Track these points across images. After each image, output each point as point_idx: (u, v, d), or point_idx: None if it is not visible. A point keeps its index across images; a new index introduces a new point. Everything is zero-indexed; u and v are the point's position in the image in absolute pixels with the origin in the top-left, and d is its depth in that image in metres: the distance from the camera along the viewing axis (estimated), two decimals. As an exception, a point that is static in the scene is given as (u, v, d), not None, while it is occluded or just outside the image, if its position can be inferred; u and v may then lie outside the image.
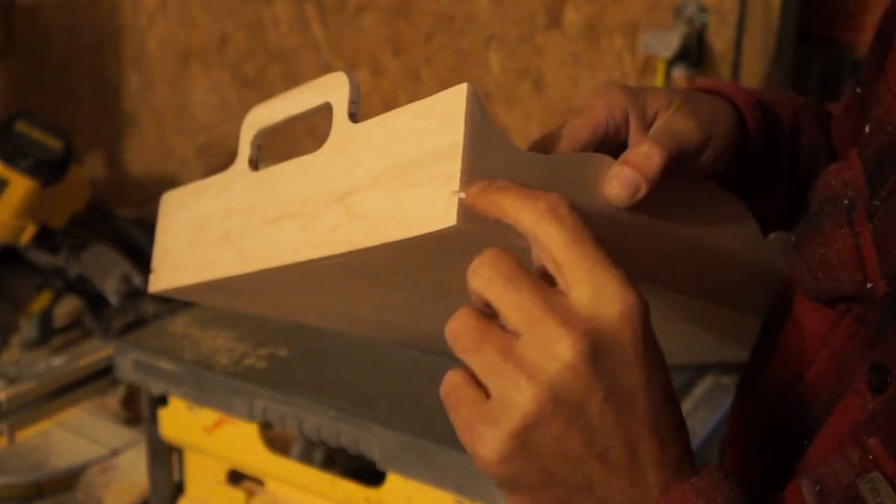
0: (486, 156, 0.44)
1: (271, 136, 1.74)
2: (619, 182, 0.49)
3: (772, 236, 0.61)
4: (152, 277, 0.66)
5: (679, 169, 0.52)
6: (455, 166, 0.43)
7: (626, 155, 0.51)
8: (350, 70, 1.69)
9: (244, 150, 0.58)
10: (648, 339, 0.41)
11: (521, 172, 0.45)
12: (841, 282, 0.51)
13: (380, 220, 0.47)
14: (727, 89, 0.62)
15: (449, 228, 0.43)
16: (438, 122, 0.45)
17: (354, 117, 0.51)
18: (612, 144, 0.54)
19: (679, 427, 0.43)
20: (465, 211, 0.43)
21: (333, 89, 0.52)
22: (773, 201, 0.63)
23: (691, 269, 0.57)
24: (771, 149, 0.62)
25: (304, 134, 1.79)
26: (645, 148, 0.51)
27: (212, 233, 0.61)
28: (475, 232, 0.44)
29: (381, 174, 0.48)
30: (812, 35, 1.39)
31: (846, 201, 0.52)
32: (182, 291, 0.65)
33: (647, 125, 0.55)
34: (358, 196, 0.49)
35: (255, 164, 0.58)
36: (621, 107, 0.54)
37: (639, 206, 0.50)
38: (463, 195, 0.43)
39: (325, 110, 0.56)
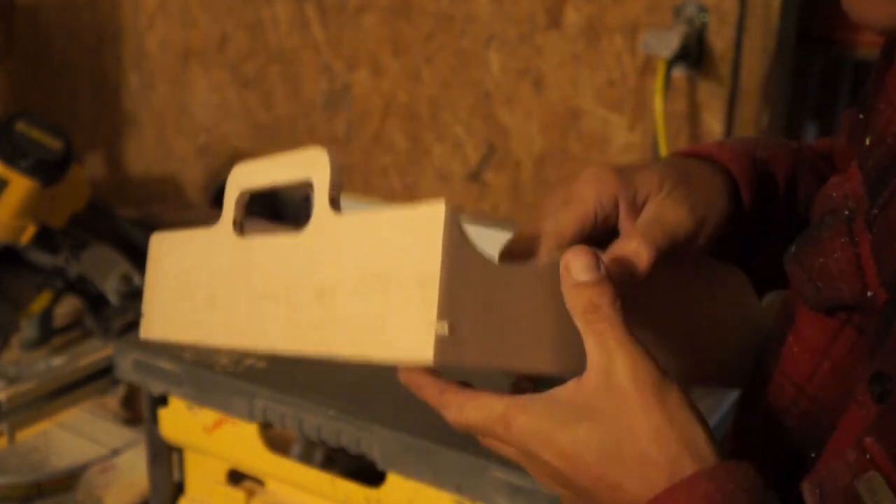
0: (464, 279, 0.44)
1: (272, 135, 1.74)
2: None
3: (767, 298, 0.60)
4: (143, 322, 0.65)
5: (669, 257, 0.52)
6: (433, 296, 0.43)
7: (613, 250, 0.51)
8: (350, 71, 1.70)
9: (229, 211, 0.56)
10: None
11: (501, 290, 0.45)
12: (841, 291, 0.50)
13: (360, 332, 0.47)
14: (721, 155, 0.59)
15: (427, 361, 0.44)
16: (417, 240, 0.44)
17: (336, 203, 0.49)
18: (601, 231, 0.53)
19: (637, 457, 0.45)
20: (443, 346, 0.43)
21: (314, 168, 0.50)
22: (769, 258, 0.62)
23: (682, 341, 0.56)
24: (766, 211, 0.60)
25: (305, 133, 1.79)
26: (633, 244, 0.50)
27: (199, 292, 0.60)
28: (455, 363, 0.44)
29: (361, 280, 0.47)
30: (812, 35, 1.39)
31: (846, 212, 0.51)
32: (173, 344, 0.64)
33: (637, 210, 0.54)
34: (338, 297, 0.49)
35: (239, 227, 0.56)
36: (611, 194, 0.53)
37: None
38: (442, 330, 0.43)
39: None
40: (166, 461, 1.06)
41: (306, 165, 0.50)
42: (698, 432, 0.45)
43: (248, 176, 0.56)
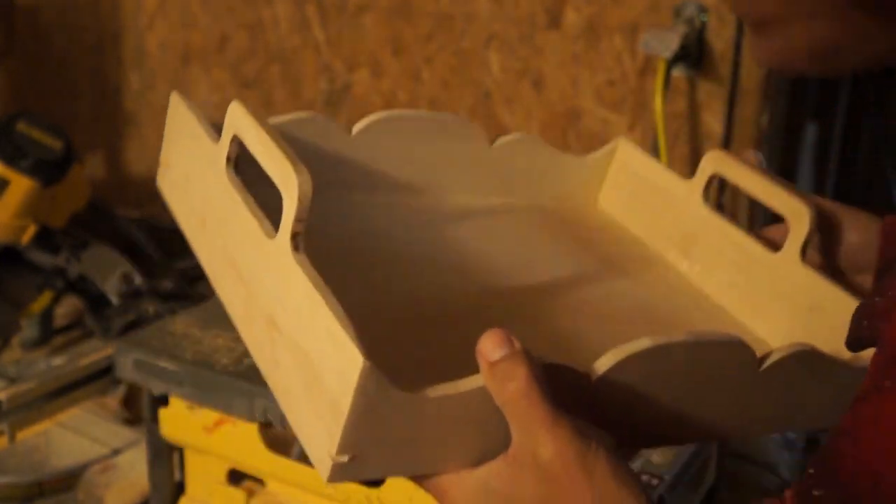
0: (373, 419, 0.43)
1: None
2: None
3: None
4: (160, 171, 0.65)
5: None
6: (338, 431, 0.43)
7: None
8: (350, 71, 1.70)
9: (224, 146, 0.54)
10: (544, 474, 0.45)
11: (414, 418, 0.44)
12: None
13: (285, 393, 0.49)
14: None
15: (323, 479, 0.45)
16: (340, 368, 0.43)
17: (297, 241, 0.47)
18: None
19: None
20: (338, 471, 0.44)
21: (287, 188, 0.48)
22: None
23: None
24: None
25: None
26: None
27: (195, 201, 0.59)
28: (352, 480, 0.45)
29: (295, 350, 0.47)
30: (812, 35, 1.39)
31: None
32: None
33: None
34: (280, 344, 0.48)
35: (233, 163, 0.55)
36: None
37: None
38: (340, 459, 0.43)
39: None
40: (167, 461, 1.06)
41: (282, 178, 0.48)
42: (627, 501, 0.45)
43: (243, 128, 0.53)
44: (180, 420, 1.00)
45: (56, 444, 1.27)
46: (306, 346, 0.46)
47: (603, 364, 0.48)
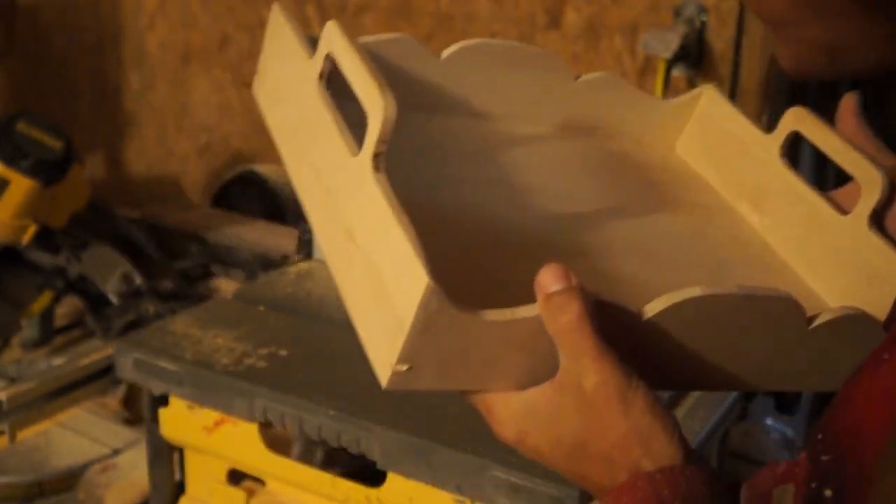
0: (432, 335, 0.46)
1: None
2: None
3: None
4: (256, 80, 0.67)
5: None
6: (399, 343, 0.46)
7: None
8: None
9: (318, 61, 0.57)
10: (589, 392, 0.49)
11: (469, 336, 0.47)
12: None
13: (356, 297, 0.51)
14: None
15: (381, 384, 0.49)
16: (404, 290, 0.46)
17: (378, 161, 0.50)
18: None
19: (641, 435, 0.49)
20: (397, 379, 0.48)
21: (372, 111, 0.50)
22: None
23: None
24: None
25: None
26: None
27: (289, 111, 0.62)
28: (407, 389, 0.49)
29: (368, 261, 0.50)
30: (812, 35, 1.39)
31: None
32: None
33: None
34: (355, 255, 0.51)
35: (325, 80, 0.57)
36: None
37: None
38: (400, 369, 0.47)
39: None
40: (167, 461, 1.06)
41: (369, 101, 0.50)
42: (660, 437, 0.48)
43: (337, 48, 0.54)
44: (180, 420, 1.01)
45: (56, 444, 1.27)
46: (378, 260, 0.49)
47: (654, 307, 0.50)
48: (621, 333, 0.49)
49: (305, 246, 1.25)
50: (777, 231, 0.71)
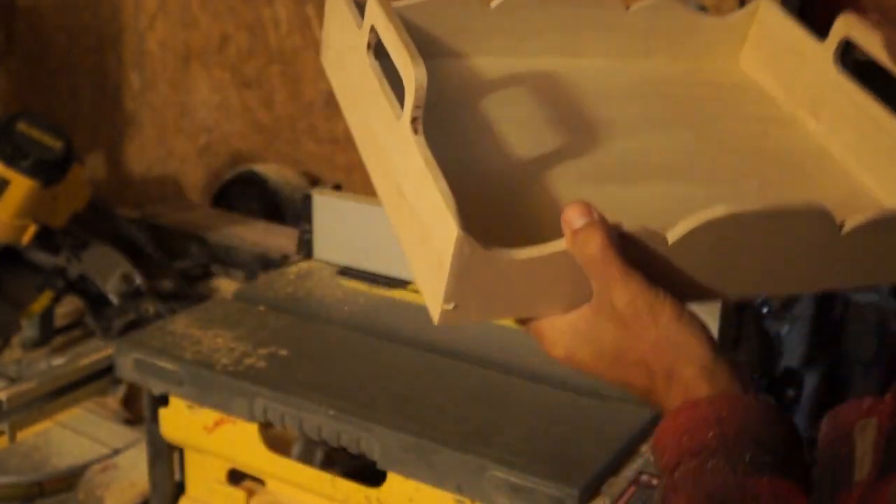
0: (471, 273, 0.52)
1: (272, 135, 1.74)
2: None
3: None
4: (322, 49, 0.73)
5: None
6: (443, 283, 0.52)
7: None
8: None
9: (364, 33, 0.61)
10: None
11: (507, 272, 0.53)
12: None
13: (409, 242, 0.57)
14: None
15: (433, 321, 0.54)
16: (443, 235, 0.52)
17: (416, 124, 0.55)
18: None
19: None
20: (446, 316, 0.54)
21: (406, 77, 0.55)
22: None
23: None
24: None
25: (305, 133, 1.79)
26: None
27: (347, 77, 0.67)
28: (456, 324, 0.55)
29: (415, 215, 0.56)
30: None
31: None
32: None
33: None
34: (405, 208, 0.57)
35: (373, 49, 0.61)
36: None
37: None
38: (447, 307, 0.53)
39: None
40: (167, 461, 1.06)
41: (402, 69, 0.55)
42: (689, 341, 0.55)
43: (377, 21, 0.59)
44: (180, 420, 1.01)
45: (56, 444, 1.27)
46: (421, 212, 0.55)
47: (676, 232, 0.55)
48: (649, 256, 0.55)
49: (305, 246, 1.25)
50: (834, 136, 0.73)
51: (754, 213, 0.55)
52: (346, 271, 1.20)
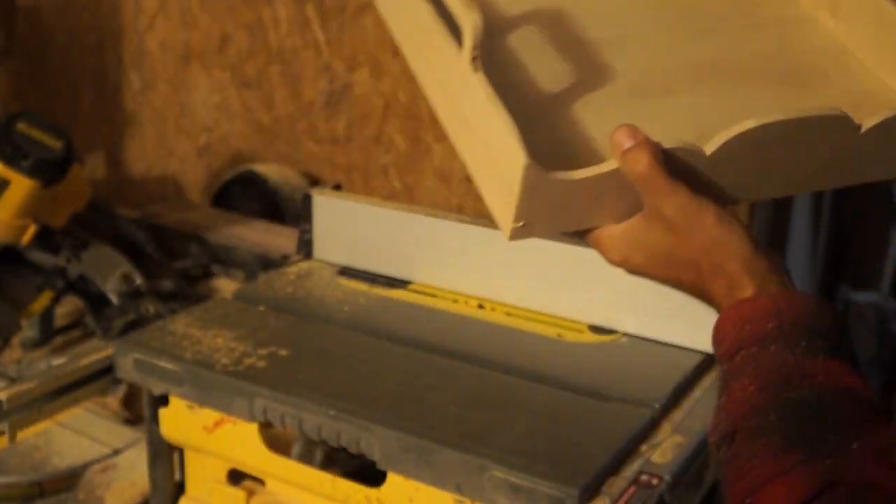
0: (538, 196, 0.59)
1: (272, 135, 1.74)
2: None
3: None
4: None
5: None
6: (513, 206, 0.59)
7: None
8: (350, 71, 1.70)
9: None
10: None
11: (570, 192, 0.59)
12: None
13: (479, 174, 0.63)
14: None
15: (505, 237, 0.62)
16: (509, 161, 0.58)
17: (476, 63, 0.61)
18: None
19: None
20: (516, 233, 0.61)
21: (464, 22, 0.61)
22: None
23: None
24: None
25: (305, 133, 1.79)
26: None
27: (403, 19, 0.72)
28: (525, 239, 0.62)
29: (482, 143, 0.61)
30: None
31: None
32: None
33: None
34: (471, 136, 0.63)
35: None
36: None
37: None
38: (517, 225, 0.60)
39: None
40: (167, 461, 1.06)
41: (459, 18, 0.61)
42: (732, 240, 0.61)
43: None
44: (180, 420, 1.01)
45: (56, 444, 1.27)
46: (488, 142, 0.61)
47: (712, 145, 0.61)
48: (689, 167, 0.61)
49: (305, 246, 1.25)
50: (852, 33, 0.77)
51: (780, 123, 0.61)
52: (346, 271, 1.20)
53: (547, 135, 0.65)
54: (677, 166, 0.61)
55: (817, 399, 0.56)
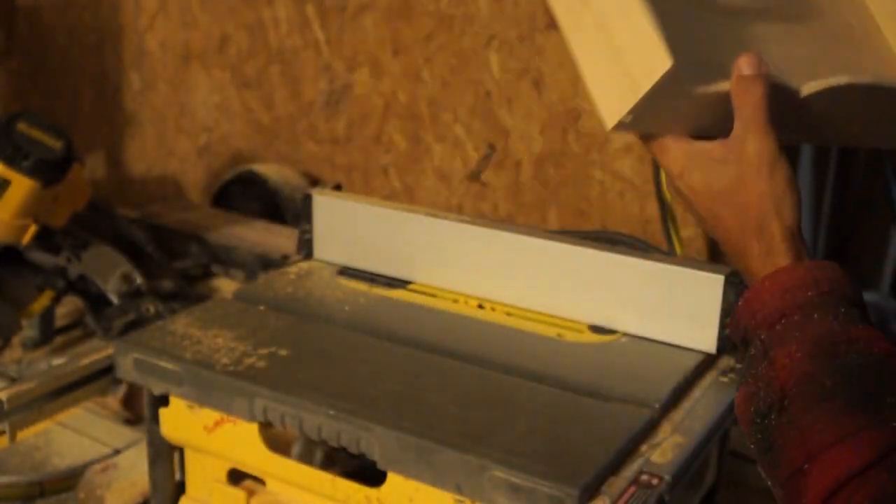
0: (656, 100, 0.61)
1: (272, 135, 1.75)
2: None
3: None
4: None
5: None
6: (631, 102, 0.61)
7: None
8: (350, 71, 1.70)
9: None
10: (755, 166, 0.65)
11: (681, 101, 0.62)
12: None
13: (588, 59, 0.65)
14: None
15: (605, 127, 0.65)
16: (647, 60, 0.60)
17: None
18: None
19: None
20: (620, 126, 0.63)
21: None
22: None
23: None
24: None
25: (305, 133, 1.79)
26: None
27: None
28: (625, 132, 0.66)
29: (606, 29, 0.63)
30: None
31: None
32: None
33: None
34: (592, 21, 0.64)
35: None
36: None
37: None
38: (625, 119, 0.62)
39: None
40: (167, 460, 1.06)
41: None
42: (789, 203, 0.63)
43: None
44: (180, 420, 1.01)
45: (56, 444, 1.27)
46: (615, 31, 0.63)
47: (810, 87, 0.66)
48: (780, 106, 0.64)
49: (305, 246, 1.25)
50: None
51: (867, 85, 0.67)
52: (346, 271, 1.20)
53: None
54: (775, 103, 0.63)
55: (870, 364, 0.57)
